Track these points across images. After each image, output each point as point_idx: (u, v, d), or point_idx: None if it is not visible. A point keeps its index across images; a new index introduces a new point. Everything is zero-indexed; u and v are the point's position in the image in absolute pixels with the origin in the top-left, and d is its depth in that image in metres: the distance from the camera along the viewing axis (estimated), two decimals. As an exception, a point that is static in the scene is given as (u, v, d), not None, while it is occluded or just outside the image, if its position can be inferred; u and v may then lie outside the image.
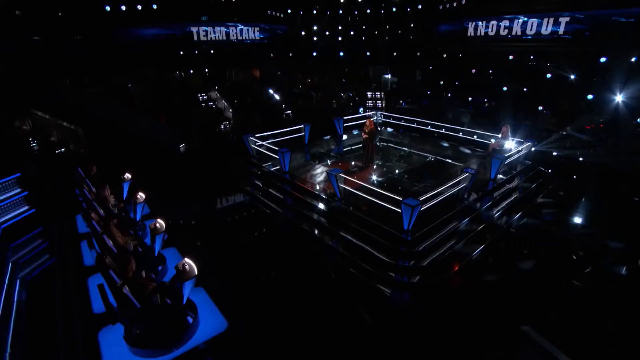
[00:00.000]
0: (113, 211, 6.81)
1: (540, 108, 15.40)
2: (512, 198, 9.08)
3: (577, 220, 8.29)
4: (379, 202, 7.44)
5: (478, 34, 17.70)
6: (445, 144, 12.67)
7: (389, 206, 7.20)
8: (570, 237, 7.58)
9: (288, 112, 17.91)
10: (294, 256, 7.43)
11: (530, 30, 15.63)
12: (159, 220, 6.41)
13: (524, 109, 15.20)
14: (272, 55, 21.45)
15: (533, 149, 10.98)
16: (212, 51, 18.97)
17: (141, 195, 7.44)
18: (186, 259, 5.28)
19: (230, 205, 9.89)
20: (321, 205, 8.60)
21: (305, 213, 8.52)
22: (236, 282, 6.60)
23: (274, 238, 8.23)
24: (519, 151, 10.31)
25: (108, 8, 14.64)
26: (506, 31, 16.56)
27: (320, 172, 10.03)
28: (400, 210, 6.85)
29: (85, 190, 6.68)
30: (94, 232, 5.35)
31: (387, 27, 22.20)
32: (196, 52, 18.67)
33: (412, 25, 21.28)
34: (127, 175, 8.60)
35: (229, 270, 6.97)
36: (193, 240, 7.98)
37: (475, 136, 12.27)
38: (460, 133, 12.89)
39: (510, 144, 10.44)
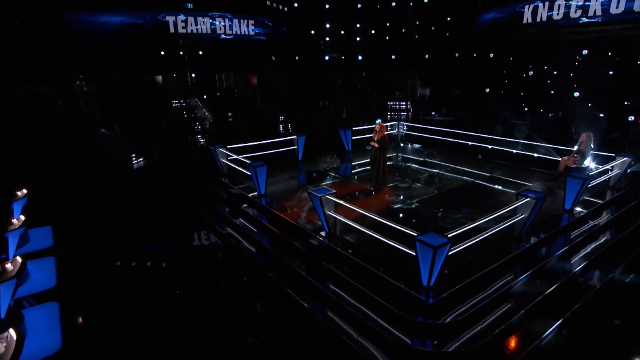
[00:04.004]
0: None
1: (631, 118, 13.97)
2: (602, 241, 7.72)
3: None
4: (385, 240, 6.10)
5: (538, 19, 16.38)
6: (493, 164, 11.96)
7: (402, 248, 5.81)
8: None
9: (288, 124, 17.70)
10: (254, 325, 5.92)
11: (617, 7, 13.89)
12: (17, 258, 4.69)
13: (607, 119, 13.92)
14: (273, 57, 21.18)
15: (629, 169, 9.50)
16: (198, 51, 18.76)
17: (20, 219, 5.81)
18: (10, 331, 3.48)
19: (179, 243, 8.71)
20: (302, 244, 7.42)
21: (277, 255, 7.55)
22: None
23: (233, 297, 6.73)
24: (609, 170, 9.03)
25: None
26: (579, 12, 15.04)
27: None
28: (415, 254, 5.44)
29: None
30: None
31: (417, 22, 21.72)
32: (180, 52, 18.52)
33: (448, 19, 20.70)
34: (23, 192, 7.09)
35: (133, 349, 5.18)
36: (96, 294, 6.40)
37: (536, 154, 11.36)
38: (515, 151, 12.05)
39: (591, 164, 9.25)
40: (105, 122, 13.31)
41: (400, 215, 8.19)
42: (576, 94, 16.09)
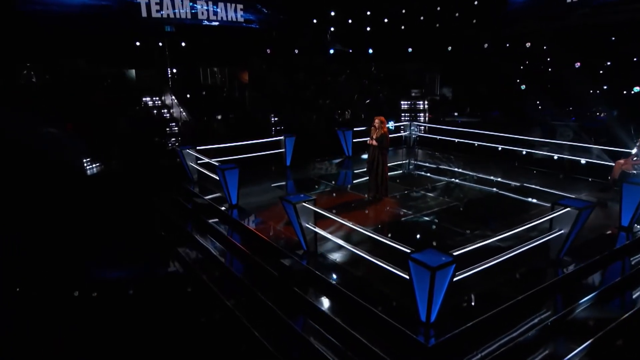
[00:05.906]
0: None
1: None
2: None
3: None
4: (374, 259, 5.72)
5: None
6: (528, 172, 11.96)
7: (393, 269, 5.37)
8: None
9: (281, 125, 17.88)
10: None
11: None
12: None
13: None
14: (268, 50, 21.52)
15: None
16: (181, 42, 19.00)
17: None
18: None
19: (126, 271, 8.44)
20: (272, 266, 7.12)
21: (245, 282, 7.22)
22: None
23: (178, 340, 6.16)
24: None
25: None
26: (639, -16, 15.31)
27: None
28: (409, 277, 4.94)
29: None
30: None
31: (438, 8, 22.18)
32: (160, 43, 18.80)
33: (475, 3, 21.09)
34: None
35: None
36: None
37: (583, 160, 11.21)
38: (556, 156, 12.04)
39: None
40: (55, 120, 13.33)
41: (401, 230, 7.99)
42: (636, 89, 16.01)
